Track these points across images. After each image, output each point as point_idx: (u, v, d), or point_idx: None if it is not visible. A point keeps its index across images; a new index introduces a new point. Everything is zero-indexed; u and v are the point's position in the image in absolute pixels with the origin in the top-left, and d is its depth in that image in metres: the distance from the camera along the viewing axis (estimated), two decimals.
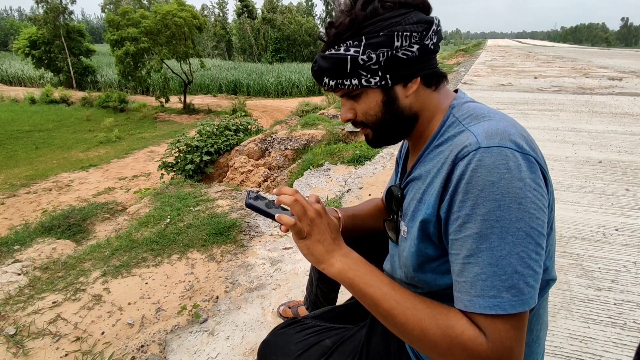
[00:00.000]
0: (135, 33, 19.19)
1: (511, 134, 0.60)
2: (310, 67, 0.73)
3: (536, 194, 0.57)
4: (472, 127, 0.63)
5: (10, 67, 33.75)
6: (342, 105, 0.75)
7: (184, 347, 1.49)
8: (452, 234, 0.60)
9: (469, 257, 0.57)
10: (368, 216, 0.99)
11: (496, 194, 0.55)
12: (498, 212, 0.55)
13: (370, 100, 0.70)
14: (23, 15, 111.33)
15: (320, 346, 0.84)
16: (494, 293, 0.54)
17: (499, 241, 0.55)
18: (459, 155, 0.60)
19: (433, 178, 0.66)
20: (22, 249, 2.50)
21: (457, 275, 0.59)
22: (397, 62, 0.66)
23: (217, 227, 2.37)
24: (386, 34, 0.64)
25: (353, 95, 0.71)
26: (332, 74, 0.68)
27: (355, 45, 0.65)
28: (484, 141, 0.59)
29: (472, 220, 0.56)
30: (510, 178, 0.56)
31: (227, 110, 16.97)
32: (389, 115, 0.71)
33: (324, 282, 1.31)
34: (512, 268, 0.54)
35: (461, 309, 0.57)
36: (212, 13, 55.45)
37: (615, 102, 5.94)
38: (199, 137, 7.24)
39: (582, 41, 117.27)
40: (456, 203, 0.59)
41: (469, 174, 0.57)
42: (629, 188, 2.74)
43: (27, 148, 14.44)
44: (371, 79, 0.67)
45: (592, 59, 15.67)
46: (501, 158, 0.57)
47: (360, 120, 0.74)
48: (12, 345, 1.50)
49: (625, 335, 1.43)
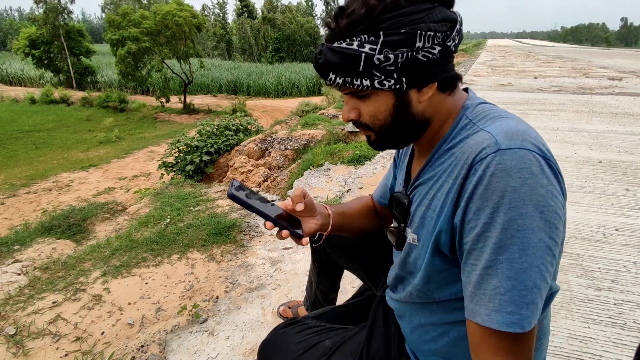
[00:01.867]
0: (136, 33, 19.21)
1: (532, 137, 0.56)
2: (313, 57, 0.64)
3: (557, 203, 0.53)
4: (489, 128, 0.58)
5: (10, 67, 33.75)
6: (345, 103, 0.67)
7: (184, 347, 1.49)
8: (469, 244, 0.55)
9: (487, 268, 0.53)
10: (357, 215, 0.94)
11: (518, 200, 0.51)
12: (520, 221, 0.51)
13: (380, 103, 0.63)
14: (23, 15, 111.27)
15: (321, 347, 0.84)
16: (512, 309, 0.51)
17: (519, 253, 0.51)
18: (476, 158, 0.55)
19: (443, 182, 0.62)
20: (22, 249, 2.50)
21: (474, 287, 0.55)
22: (415, 64, 0.58)
23: (217, 227, 2.37)
24: (408, 32, 0.56)
25: (360, 95, 0.64)
26: (340, 70, 0.60)
27: (371, 41, 0.57)
28: (504, 142, 0.54)
29: (491, 229, 0.52)
30: (534, 184, 0.51)
31: (227, 110, 16.98)
32: (399, 121, 0.64)
33: (323, 283, 1.31)
34: (533, 282, 0.51)
35: (479, 323, 0.54)
36: (212, 13, 55.44)
37: (615, 102, 5.94)
38: (199, 137, 7.25)
39: (582, 41, 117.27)
40: (472, 210, 0.54)
41: (488, 178, 0.53)
42: (629, 188, 2.73)
43: (27, 148, 14.44)
44: (385, 81, 0.59)
45: (592, 59, 15.68)
46: (524, 161, 0.52)
47: (364, 122, 0.67)
48: (12, 345, 1.50)
49: (625, 335, 1.43)
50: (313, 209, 0.78)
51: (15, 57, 35.07)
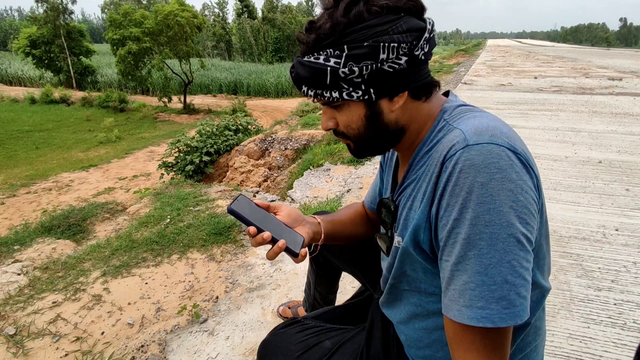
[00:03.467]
0: (137, 33, 19.21)
1: (503, 132, 0.56)
2: (289, 70, 0.66)
3: (528, 198, 0.53)
4: (461, 125, 0.59)
5: (10, 67, 33.75)
6: (323, 113, 0.70)
7: (184, 347, 1.49)
8: (442, 240, 0.56)
9: (457, 264, 0.54)
10: (349, 222, 0.93)
11: (486, 196, 0.51)
12: (487, 216, 0.51)
13: (352, 114, 0.65)
14: (23, 15, 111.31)
15: (320, 347, 0.84)
16: (483, 304, 0.51)
17: (488, 248, 0.51)
18: (446, 156, 0.56)
19: (421, 182, 0.63)
20: (22, 249, 2.50)
21: (446, 282, 0.56)
22: (382, 75, 0.59)
23: (217, 227, 2.37)
24: (371, 45, 0.57)
25: (334, 105, 0.66)
26: (310, 83, 0.62)
27: (336, 55, 0.58)
28: (472, 138, 0.55)
29: (460, 225, 0.53)
30: (502, 179, 0.51)
31: (227, 110, 16.96)
32: (372, 130, 0.66)
33: (321, 285, 1.32)
34: (502, 277, 0.51)
35: (451, 318, 0.54)
36: (212, 13, 55.44)
37: (615, 102, 5.94)
38: (199, 138, 7.25)
39: (582, 41, 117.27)
40: (443, 207, 0.56)
41: (457, 174, 0.53)
42: (629, 188, 2.73)
43: (27, 148, 14.44)
44: (353, 92, 0.61)
45: (592, 59, 15.68)
46: (492, 156, 0.52)
47: (341, 131, 0.69)
48: (12, 345, 1.50)
49: (625, 335, 1.43)
50: (300, 218, 0.79)
51: (15, 57, 35.07)
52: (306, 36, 0.62)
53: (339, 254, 1.12)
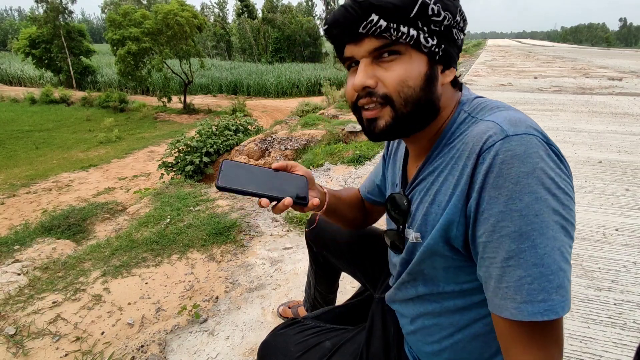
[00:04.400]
0: (137, 33, 19.21)
1: (533, 123, 0.55)
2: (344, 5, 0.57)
3: (567, 185, 0.53)
4: (491, 117, 0.57)
5: (10, 67, 33.75)
6: (363, 69, 0.59)
7: (184, 347, 1.49)
8: (484, 236, 0.53)
9: (508, 259, 0.51)
10: (348, 202, 0.93)
11: (532, 185, 0.50)
12: (536, 205, 0.49)
13: (414, 67, 0.57)
14: (23, 15, 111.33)
15: (320, 348, 0.83)
16: (544, 296, 0.49)
17: (540, 238, 0.49)
18: (483, 147, 0.53)
19: (447, 175, 0.60)
20: (22, 249, 2.50)
21: (497, 281, 0.52)
22: (451, 38, 0.57)
23: (217, 227, 2.37)
24: (454, 1, 0.56)
25: (388, 55, 0.58)
26: (389, 11, 0.54)
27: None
28: (510, 129, 0.53)
29: (508, 218, 0.51)
30: (544, 167, 0.51)
31: (227, 110, 16.97)
32: (426, 95, 0.59)
33: (321, 285, 1.32)
34: (557, 265, 0.50)
35: (507, 317, 0.52)
36: (212, 13, 55.44)
37: (615, 102, 5.94)
38: (199, 138, 7.25)
39: (582, 41, 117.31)
40: (485, 200, 0.53)
41: (499, 166, 0.51)
42: (629, 188, 2.73)
43: (27, 148, 14.43)
44: (429, 38, 0.56)
45: (592, 59, 15.67)
46: (532, 146, 0.51)
47: (382, 92, 0.59)
48: (12, 345, 1.50)
49: (625, 335, 1.43)
50: (311, 182, 0.75)
51: (15, 57, 35.07)
52: None
53: (339, 254, 1.12)
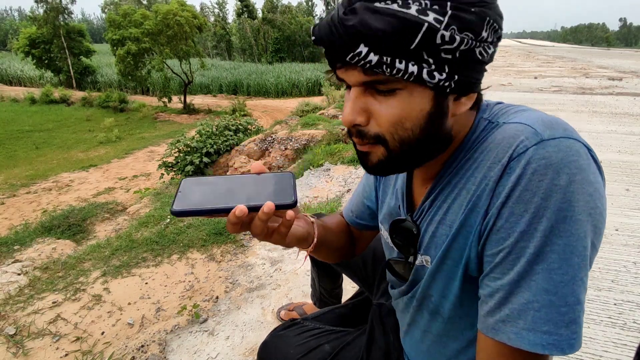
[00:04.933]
0: (137, 33, 19.22)
1: (570, 127, 0.46)
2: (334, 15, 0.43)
3: (604, 203, 0.45)
4: (518, 119, 0.48)
5: (10, 67, 33.75)
6: (352, 100, 0.48)
7: (184, 347, 1.49)
8: (498, 256, 0.46)
9: (518, 281, 0.44)
10: (337, 231, 0.78)
11: (564, 202, 0.41)
12: (563, 225, 0.41)
13: (413, 107, 0.46)
14: (23, 15, 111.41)
15: (320, 351, 0.83)
16: (549, 328, 0.42)
17: (560, 262, 0.42)
18: (513, 154, 0.44)
19: (460, 191, 0.51)
20: (22, 249, 2.50)
21: (498, 301, 0.45)
22: (471, 61, 0.44)
23: (217, 227, 2.37)
24: (478, 13, 0.42)
25: (383, 90, 0.46)
26: (381, 42, 0.41)
27: (435, 10, 0.41)
28: (545, 131, 0.44)
29: (530, 239, 0.43)
30: (582, 181, 0.42)
31: (227, 110, 16.97)
32: (427, 135, 0.48)
33: (324, 282, 1.32)
34: (575, 297, 0.42)
35: (503, 341, 0.44)
36: (212, 13, 55.46)
37: (615, 102, 5.94)
38: (199, 138, 7.25)
39: (582, 41, 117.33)
40: (504, 216, 0.45)
41: (528, 176, 0.43)
42: (629, 188, 2.73)
43: (27, 148, 14.44)
44: (435, 72, 0.43)
45: (592, 59, 15.68)
46: (572, 153, 0.42)
47: (374, 132, 0.48)
48: (12, 345, 1.50)
49: (625, 335, 1.43)
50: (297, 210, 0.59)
51: (15, 57, 35.07)
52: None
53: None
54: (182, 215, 0.47)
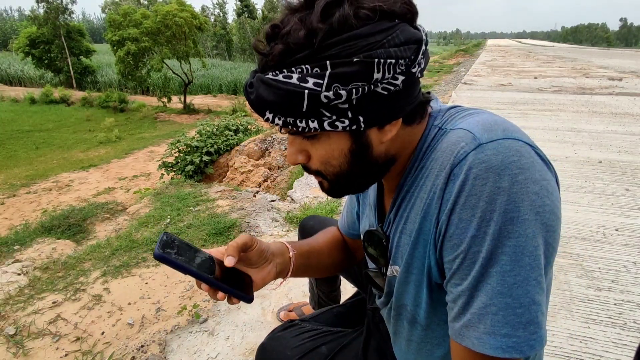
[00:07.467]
0: (136, 33, 19.23)
1: (513, 126, 0.48)
2: (244, 89, 0.50)
3: (554, 200, 0.45)
4: (461, 125, 0.50)
5: (10, 67, 33.76)
6: (290, 144, 0.54)
7: (184, 347, 1.49)
8: (454, 263, 0.47)
9: (476, 285, 0.45)
10: (327, 251, 0.82)
11: (509, 203, 0.42)
12: (511, 226, 0.43)
13: (333, 147, 0.51)
14: (23, 15, 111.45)
15: (317, 353, 0.83)
16: (507, 331, 0.43)
17: (512, 264, 0.43)
18: (454, 161, 0.46)
19: (415, 200, 0.54)
20: (22, 249, 2.50)
21: (461, 307, 0.47)
22: (374, 100, 0.46)
23: (217, 227, 2.37)
24: (362, 61, 0.43)
25: (307, 136, 0.52)
26: (278, 109, 0.46)
27: (315, 74, 0.44)
28: (483, 135, 0.46)
29: (480, 243, 0.44)
30: (525, 180, 0.43)
31: (227, 110, 16.97)
32: (357, 167, 0.52)
33: (321, 285, 1.32)
34: (530, 298, 0.43)
35: (467, 346, 0.46)
36: (212, 13, 55.48)
37: (615, 102, 5.94)
38: (199, 138, 7.25)
39: (582, 41, 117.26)
40: (454, 223, 0.46)
41: (471, 182, 0.44)
42: (629, 188, 2.73)
43: (27, 148, 14.44)
44: (337, 122, 0.47)
45: (592, 59, 15.68)
46: (511, 154, 0.44)
47: (314, 169, 0.55)
48: (12, 345, 1.50)
49: (625, 335, 1.43)
50: (263, 257, 0.68)
51: (15, 57, 35.07)
52: (269, 46, 0.47)
53: None
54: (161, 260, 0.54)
